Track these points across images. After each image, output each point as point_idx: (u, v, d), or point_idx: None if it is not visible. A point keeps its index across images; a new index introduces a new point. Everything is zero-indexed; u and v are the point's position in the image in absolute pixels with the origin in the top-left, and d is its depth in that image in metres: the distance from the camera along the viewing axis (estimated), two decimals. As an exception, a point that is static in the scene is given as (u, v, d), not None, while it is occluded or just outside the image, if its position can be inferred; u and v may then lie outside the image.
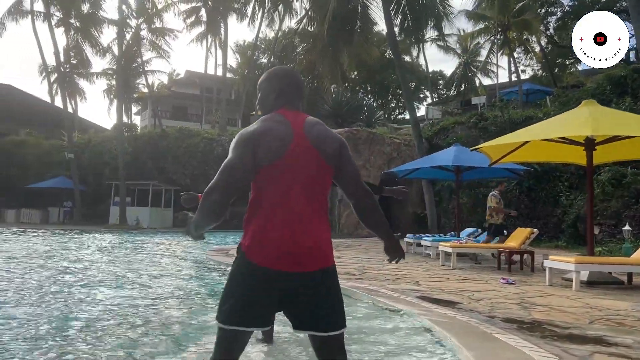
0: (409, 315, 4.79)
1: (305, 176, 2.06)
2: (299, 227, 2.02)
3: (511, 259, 9.34)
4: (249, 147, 2.03)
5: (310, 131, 2.12)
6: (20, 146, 30.83)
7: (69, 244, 14.92)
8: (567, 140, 8.10)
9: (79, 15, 31.33)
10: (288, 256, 1.99)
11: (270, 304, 2.04)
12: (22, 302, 5.68)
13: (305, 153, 2.07)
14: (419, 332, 4.36)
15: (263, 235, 2.02)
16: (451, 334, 3.99)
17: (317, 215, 2.08)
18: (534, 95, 28.47)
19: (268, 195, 2.05)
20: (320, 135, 2.13)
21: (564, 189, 17.02)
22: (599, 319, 5.02)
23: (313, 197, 2.08)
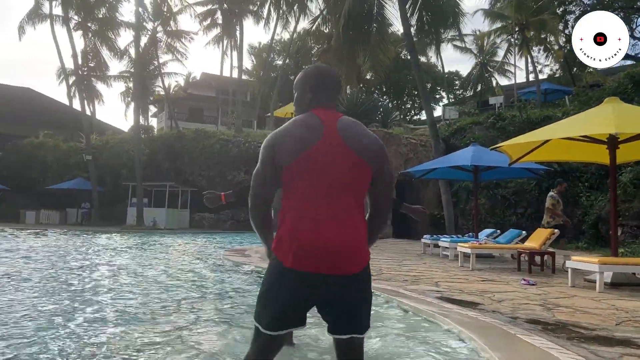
0: (431, 315, 4.69)
1: (336, 174, 2.00)
2: (328, 227, 1.96)
3: (532, 260, 9.17)
4: (269, 152, 2.04)
5: (345, 129, 2.07)
6: (39, 148, 31.26)
7: (102, 245, 15.04)
8: (589, 139, 7.94)
9: (96, 19, 31.65)
10: (317, 258, 1.93)
11: (303, 306, 2.00)
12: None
13: (336, 150, 2.01)
14: (441, 333, 4.28)
15: (291, 236, 1.97)
16: (475, 334, 3.90)
17: (350, 215, 2.00)
18: (553, 95, 28.09)
19: (295, 195, 2.01)
20: (357, 134, 2.07)
21: (584, 189, 16.74)
22: (626, 321, 4.88)
23: (347, 196, 2.01)
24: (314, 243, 1.94)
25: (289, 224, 1.99)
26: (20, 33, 30.87)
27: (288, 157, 2.00)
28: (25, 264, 9.37)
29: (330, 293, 1.96)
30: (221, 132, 31.26)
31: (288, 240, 1.97)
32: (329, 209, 1.97)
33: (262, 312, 2.02)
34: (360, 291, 2.02)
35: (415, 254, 12.71)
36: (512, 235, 11.59)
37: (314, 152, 1.99)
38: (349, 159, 2.02)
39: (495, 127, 20.45)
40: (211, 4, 37.36)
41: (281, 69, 37.02)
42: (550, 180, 17.20)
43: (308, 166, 1.99)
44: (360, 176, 2.05)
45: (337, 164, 2.00)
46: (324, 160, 1.99)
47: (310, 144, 2.00)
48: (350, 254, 1.97)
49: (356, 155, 2.02)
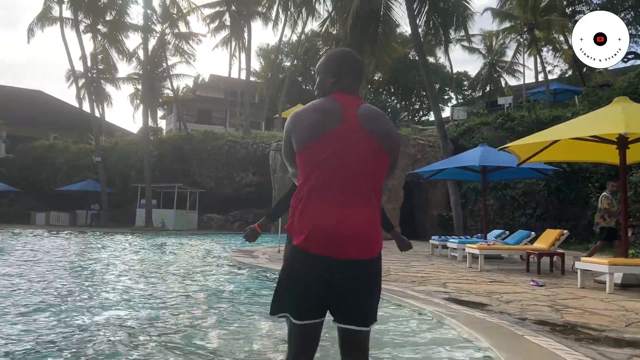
0: (438, 316, 4.67)
1: (356, 160, 1.96)
2: (341, 211, 1.93)
3: (540, 261, 9.10)
4: (287, 134, 2.05)
5: (366, 115, 2.02)
6: (49, 150, 31.50)
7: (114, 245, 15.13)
8: (598, 139, 7.86)
9: (105, 22, 31.85)
10: (327, 240, 1.91)
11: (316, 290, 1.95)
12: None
13: (356, 136, 1.97)
14: (449, 334, 4.25)
15: (303, 218, 1.95)
16: (482, 335, 3.87)
17: (366, 203, 1.98)
18: (562, 95, 27.88)
19: (310, 178, 1.97)
20: (379, 122, 2.03)
21: (594, 189, 16.58)
22: (636, 322, 4.82)
23: (363, 183, 1.98)
24: (325, 225, 1.92)
25: (303, 205, 1.97)
26: (29, 35, 31.15)
27: (303, 141, 1.98)
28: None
29: (339, 277, 1.93)
30: (229, 133, 31.34)
31: (299, 223, 1.96)
32: (345, 195, 1.95)
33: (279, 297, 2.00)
34: (369, 279, 1.99)
35: (423, 255, 12.65)
36: (520, 236, 11.51)
37: (332, 136, 1.96)
38: (370, 146, 1.98)
39: (504, 128, 20.34)
40: (219, 6, 37.50)
41: (289, 70, 37.04)
42: (560, 180, 17.15)
43: (325, 151, 1.95)
44: (380, 165, 2.02)
45: (357, 149, 1.97)
46: (343, 145, 1.96)
47: (330, 128, 1.96)
48: (362, 239, 1.94)
49: (377, 143, 1.99)
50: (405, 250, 3.36)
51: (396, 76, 39.65)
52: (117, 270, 8.94)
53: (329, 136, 1.96)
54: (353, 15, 17.07)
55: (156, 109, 43.72)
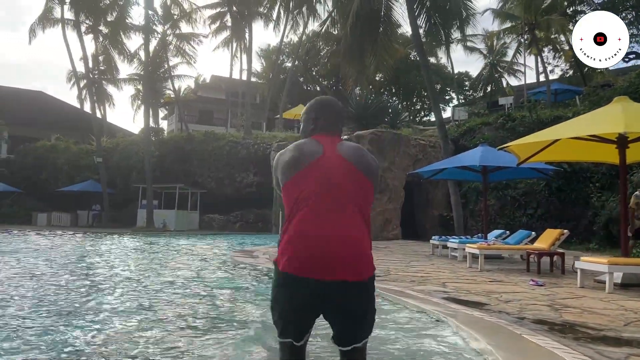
0: (435, 316, 4.67)
1: (338, 187, 2.02)
2: (327, 235, 1.95)
3: (540, 260, 9.09)
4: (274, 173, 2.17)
5: (346, 149, 2.13)
6: (50, 151, 31.55)
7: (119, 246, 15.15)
8: (598, 138, 7.87)
9: (107, 22, 31.88)
10: (313, 261, 1.92)
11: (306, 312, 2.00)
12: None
13: (337, 165, 2.06)
14: (446, 333, 4.25)
15: (290, 242, 1.98)
16: (480, 334, 3.87)
17: (353, 226, 2.00)
18: (563, 95, 27.86)
19: (294, 209, 2.02)
20: (358, 153, 2.14)
21: (595, 190, 16.57)
22: (635, 321, 4.82)
23: (349, 208, 2.01)
24: (311, 247, 1.93)
25: (289, 232, 2.00)
26: (30, 36, 31.20)
27: (285, 176, 2.07)
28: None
29: (331, 300, 1.95)
30: (230, 134, 31.36)
31: (286, 246, 1.98)
32: (330, 220, 1.97)
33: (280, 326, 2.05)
34: (362, 301, 2.00)
35: (423, 255, 12.65)
36: (521, 236, 11.50)
37: (313, 167, 2.04)
38: (351, 172, 2.06)
39: (505, 128, 20.32)
40: (221, 7, 37.55)
41: (290, 71, 37.06)
42: (561, 180, 17.13)
43: (307, 181, 2.02)
44: (364, 190, 2.08)
45: (339, 177, 2.04)
46: (325, 172, 2.04)
47: (310, 161, 2.05)
48: (349, 260, 1.95)
49: (357, 169, 2.07)
50: None
51: (397, 76, 39.65)
52: (112, 272, 8.96)
53: (310, 168, 2.04)
54: (353, 15, 17.07)
55: (157, 110, 43.77)
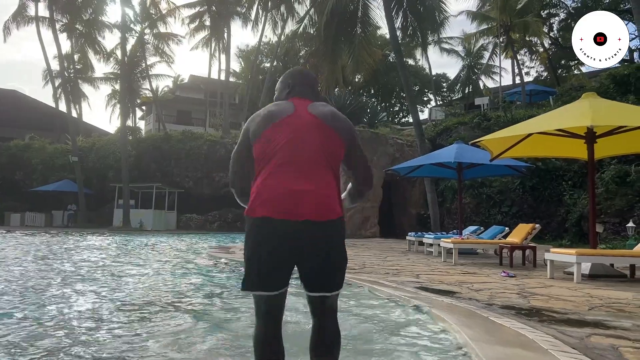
0: (406, 300, 4.75)
1: (307, 142, 2.11)
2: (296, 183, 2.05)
3: (513, 254, 9.27)
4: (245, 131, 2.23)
5: (316, 107, 2.22)
6: (24, 150, 30.97)
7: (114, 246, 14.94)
8: (567, 133, 8.06)
9: (82, 21, 31.48)
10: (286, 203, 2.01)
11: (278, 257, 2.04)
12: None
13: (308, 120, 2.15)
14: (415, 315, 4.32)
15: (258, 194, 2.07)
16: (448, 316, 3.95)
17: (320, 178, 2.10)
18: (538, 96, 28.38)
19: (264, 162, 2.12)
20: (329, 112, 2.21)
21: (568, 187, 16.93)
22: (599, 306, 4.96)
23: (318, 162, 2.11)
24: (280, 194, 2.03)
25: (257, 184, 2.10)
26: (5, 34, 30.69)
27: (258, 130, 2.15)
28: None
29: (299, 240, 2.02)
30: (208, 133, 31.21)
31: (254, 197, 2.08)
32: (299, 172, 2.07)
33: (247, 274, 2.09)
34: (329, 242, 2.07)
35: (400, 251, 12.78)
36: (494, 231, 11.70)
37: (284, 122, 2.13)
38: (321, 128, 2.14)
39: (481, 127, 20.63)
40: (199, 6, 37.35)
41: (269, 71, 37.02)
42: (535, 179, 17.46)
43: (277, 135, 2.11)
44: (334, 146, 2.16)
45: (310, 133, 2.12)
46: (295, 128, 2.12)
47: (281, 117, 2.14)
48: (317, 200, 2.04)
49: (328, 126, 2.15)
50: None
51: (376, 78, 39.87)
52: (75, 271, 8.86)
53: (282, 122, 2.13)
54: (328, 13, 17.14)
55: (134, 109, 43.34)
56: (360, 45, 18.76)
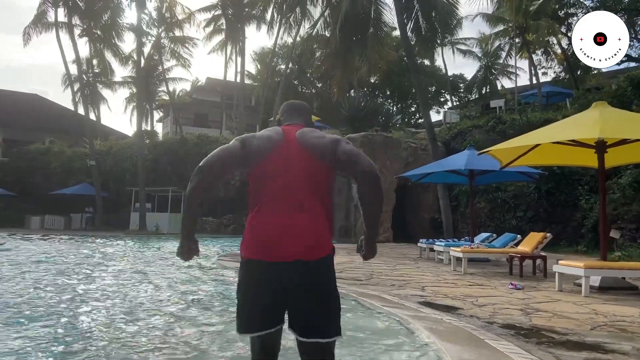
0: (405, 321, 4.73)
1: (296, 174, 2.15)
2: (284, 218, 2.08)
3: (523, 263, 9.17)
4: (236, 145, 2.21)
5: (302, 136, 2.25)
6: (44, 154, 31.53)
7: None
8: (577, 143, 7.95)
9: (100, 25, 31.89)
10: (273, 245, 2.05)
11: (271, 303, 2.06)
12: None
13: (295, 153, 2.19)
14: (406, 337, 4.30)
15: (253, 230, 2.12)
16: (440, 338, 3.93)
17: (311, 209, 2.12)
18: (555, 97, 28.00)
19: (259, 196, 2.17)
20: (312, 138, 2.24)
21: (584, 192, 16.67)
22: (602, 326, 4.89)
23: (305, 192, 2.14)
24: (269, 233, 2.07)
25: (250, 221, 2.15)
26: (25, 40, 31.20)
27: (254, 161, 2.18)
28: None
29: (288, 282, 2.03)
30: (224, 137, 31.41)
31: (247, 235, 2.13)
32: (285, 201, 2.11)
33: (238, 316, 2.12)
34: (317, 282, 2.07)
35: (411, 258, 12.72)
36: (506, 239, 11.57)
37: (275, 153, 2.18)
38: (307, 158, 2.17)
39: (496, 131, 20.41)
40: (215, 10, 37.59)
41: (284, 73, 37.12)
42: (550, 183, 17.22)
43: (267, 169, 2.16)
44: (320, 173, 2.19)
45: (297, 162, 2.16)
46: (284, 159, 2.17)
47: (273, 146, 2.19)
48: (304, 240, 2.06)
49: (313, 156, 2.18)
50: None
51: (391, 79, 39.73)
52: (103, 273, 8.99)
53: (270, 156, 2.18)
54: (342, 17, 17.13)
55: (152, 112, 43.82)
56: (373, 48, 18.72)
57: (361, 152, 2.20)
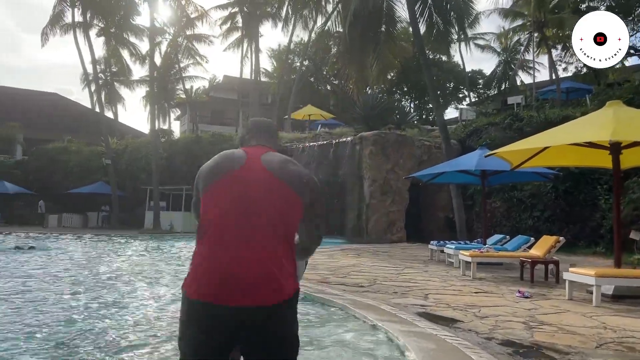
0: (391, 334, 4.50)
1: (254, 202, 1.88)
2: (236, 255, 1.81)
3: (534, 269, 8.84)
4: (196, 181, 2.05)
5: (271, 160, 2.01)
6: (62, 152, 31.91)
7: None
8: (590, 144, 7.60)
9: (116, 24, 32.09)
10: (224, 287, 1.77)
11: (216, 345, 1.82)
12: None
13: (257, 177, 1.93)
14: (389, 357, 4.08)
15: (200, 265, 1.86)
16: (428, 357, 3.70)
17: (271, 244, 1.85)
18: (575, 93, 27.23)
19: (207, 225, 1.91)
20: (283, 164, 2.00)
21: (603, 192, 16.15)
22: (609, 343, 4.60)
23: (264, 226, 1.87)
24: (216, 270, 1.81)
25: (198, 252, 1.89)
26: (43, 40, 31.53)
27: (204, 183, 1.96)
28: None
29: (239, 328, 1.79)
30: (238, 135, 31.34)
31: (193, 269, 1.87)
32: (241, 236, 1.84)
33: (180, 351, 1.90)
34: (275, 332, 1.82)
35: (421, 261, 12.42)
36: (519, 242, 11.23)
37: (231, 178, 1.92)
38: (272, 184, 1.92)
39: (512, 128, 19.90)
40: (231, 7, 37.52)
41: (299, 70, 36.92)
42: (569, 182, 16.73)
43: (223, 193, 1.91)
44: (287, 204, 1.93)
45: (259, 188, 1.90)
46: (242, 186, 1.91)
47: (229, 170, 1.95)
48: (258, 283, 1.79)
49: (280, 180, 1.92)
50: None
51: (407, 75, 39.21)
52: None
53: (228, 178, 1.93)
54: (351, 14, 16.82)
55: (168, 111, 44.07)
56: (386, 45, 18.37)
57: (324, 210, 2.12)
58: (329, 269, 9.92)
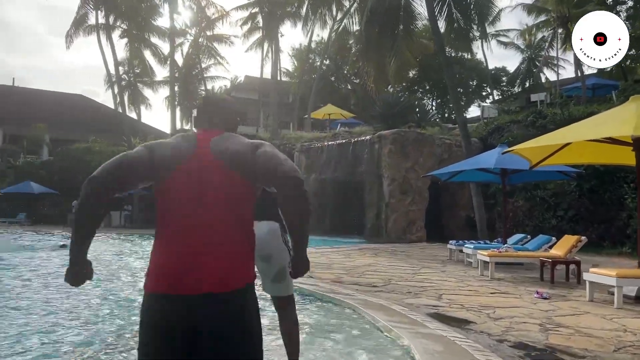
0: (397, 336, 4.38)
1: (207, 189, 1.85)
2: (191, 246, 1.79)
3: (554, 269, 8.60)
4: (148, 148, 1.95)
5: (218, 144, 1.94)
6: (86, 153, 32.38)
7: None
8: (612, 140, 7.34)
9: (138, 26, 32.49)
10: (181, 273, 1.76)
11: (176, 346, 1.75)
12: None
13: (208, 167, 1.88)
14: (396, 357, 3.96)
15: (156, 258, 1.84)
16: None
17: (228, 234, 1.83)
18: (601, 90, 26.56)
19: (165, 216, 1.89)
20: (229, 147, 1.92)
21: (630, 190, 15.67)
22: (628, 347, 4.40)
23: (223, 216, 1.84)
24: (169, 260, 1.80)
25: (155, 248, 1.87)
26: (68, 42, 32.09)
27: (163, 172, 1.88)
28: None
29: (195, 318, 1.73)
30: (258, 135, 31.41)
31: (151, 265, 1.85)
32: (198, 225, 1.82)
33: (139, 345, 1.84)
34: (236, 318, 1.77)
35: (440, 261, 12.22)
36: (540, 241, 10.94)
37: (183, 168, 1.88)
38: (223, 172, 1.87)
39: (535, 126, 19.48)
40: (252, 7, 37.64)
41: (319, 70, 36.84)
42: (594, 180, 16.28)
43: (174, 186, 1.87)
44: (239, 190, 1.89)
45: (208, 179, 1.86)
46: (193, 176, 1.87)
47: (181, 159, 1.89)
48: (218, 264, 1.78)
49: (229, 169, 1.88)
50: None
51: (429, 73, 38.82)
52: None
53: (181, 168, 1.87)
54: (368, 11, 16.65)
55: (191, 111, 44.41)
56: (404, 43, 18.15)
57: (287, 157, 1.89)
58: (344, 268, 9.81)
